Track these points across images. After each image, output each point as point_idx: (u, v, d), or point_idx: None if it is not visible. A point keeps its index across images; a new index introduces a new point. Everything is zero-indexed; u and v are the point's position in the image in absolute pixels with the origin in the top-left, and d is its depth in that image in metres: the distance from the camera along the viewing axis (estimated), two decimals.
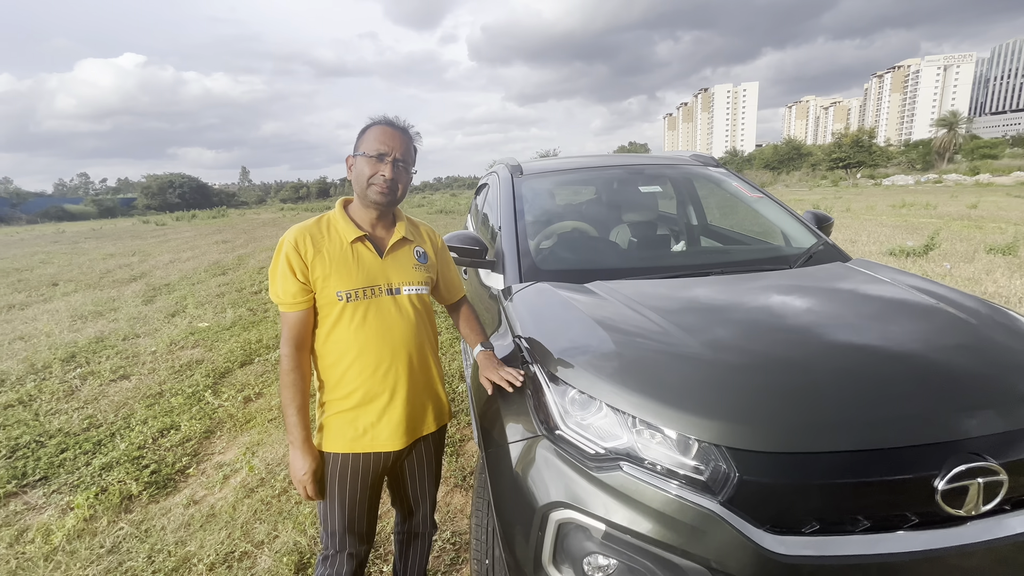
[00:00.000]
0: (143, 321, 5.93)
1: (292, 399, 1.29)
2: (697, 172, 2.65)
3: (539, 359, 1.34)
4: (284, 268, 1.27)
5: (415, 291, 1.41)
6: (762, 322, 1.35)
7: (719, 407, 1.06)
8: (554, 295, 1.60)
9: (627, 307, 1.44)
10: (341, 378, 1.33)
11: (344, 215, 1.37)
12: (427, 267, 1.46)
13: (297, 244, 1.28)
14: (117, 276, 9.39)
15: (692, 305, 1.46)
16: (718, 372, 1.15)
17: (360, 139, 1.34)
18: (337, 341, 1.32)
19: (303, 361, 1.32)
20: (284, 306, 1.30)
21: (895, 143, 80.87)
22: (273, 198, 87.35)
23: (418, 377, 1.41)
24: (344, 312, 1.30)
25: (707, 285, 1.63)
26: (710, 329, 1.32)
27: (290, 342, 1.30)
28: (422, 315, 1.44)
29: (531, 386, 1.32)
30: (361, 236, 1.34)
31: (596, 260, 2.10)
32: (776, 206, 2.36)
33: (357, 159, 1.33)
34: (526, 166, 2.62)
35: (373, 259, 1.35)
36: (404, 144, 1.34)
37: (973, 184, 28.17)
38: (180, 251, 12.99)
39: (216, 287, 7.81)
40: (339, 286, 1.29)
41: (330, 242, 1.32)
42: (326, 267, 1.28)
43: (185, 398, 3.59)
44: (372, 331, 1.32)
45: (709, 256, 2.06)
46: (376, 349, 1.33)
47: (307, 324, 1.32)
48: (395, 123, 1.35)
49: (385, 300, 1.35)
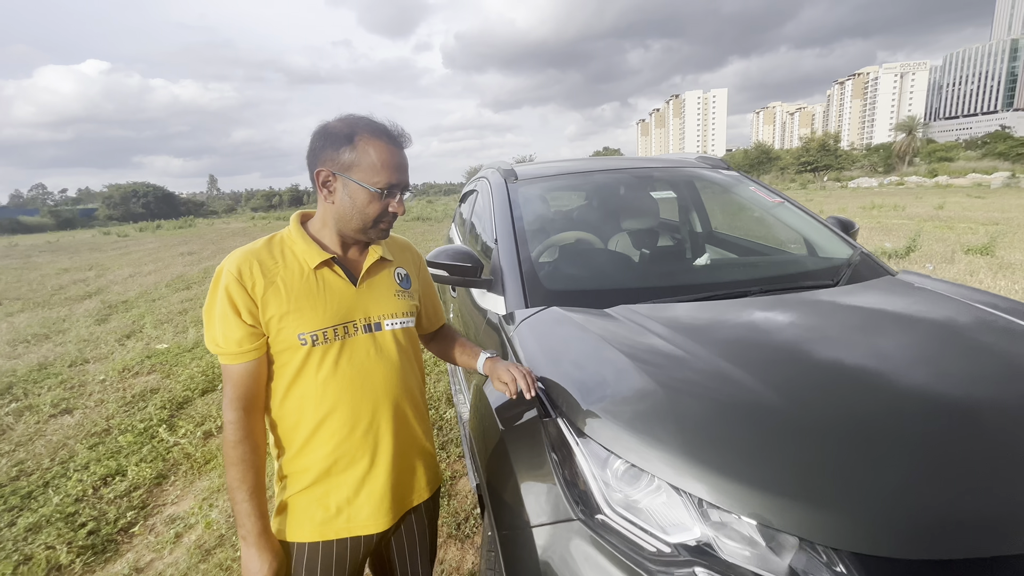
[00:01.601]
0: (94, 344, 5.41)
1: (242, 480, 0.98)
2: (708, 176, 2.42)
3: (563, 410, 1.06)
4: (224, 307, 0.96)
5: (400, 324, 1.12)
6: (843, 365, 1.07)
7: (830, 492, 0.79)
8: (572, 325, 1.31)
9: (668, 342, 1.16)
10: (306, 444, 1.03)
11: (304, 234, 1.06)
12: (411, 293, 1.19)
13: (241, 275, 0.97)
14: (70, 293, 8.72)
15: (746, 338, 1.20)
16: (816, 440, 0.88)
17: (346, 152, 0.99)
18: (301, 397, 1.02)
19: (255, 427, 1.00)
20: (227, 357, 0.98)
21: (858, 147, 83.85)
22: (243, 207, 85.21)
23: (405, 434, 1.12)
24: (309, 359, 1.01)
25: (752, 310, 1.36)
26: (781, 374, 1.05)
27: (236, 404, 0.98)
28: (407, 354, 1.14)
29: (555, 444, 1.03)
30: (328, 260, 1.04)
31: (611, 277, 1.82)
32: (799, 212, 2.14)
33: (350, 186, 1.00)
34: (520, 170, 2.34)
35: (345, 288, 1.06)
36: (407, 164, 1.06)
37: (933, 186, 29.28)
38: (141, 264, 12.27)
39: (178, 303, 7.28)
40: (301, 326, 0.99)
41: (286, 269, 1.01)
42: (282, 302, 0.99)
43: (135, 436, 3.16)
44: (346, 380, 1.03)
45: (738, 271, 1.82)
46: (352, 403, 1.04)
47: (258, 379, 1.00)
48: (397, 136, 1.04)
49: (361, 340, 1.06)
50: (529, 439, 1.09)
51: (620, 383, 1.06)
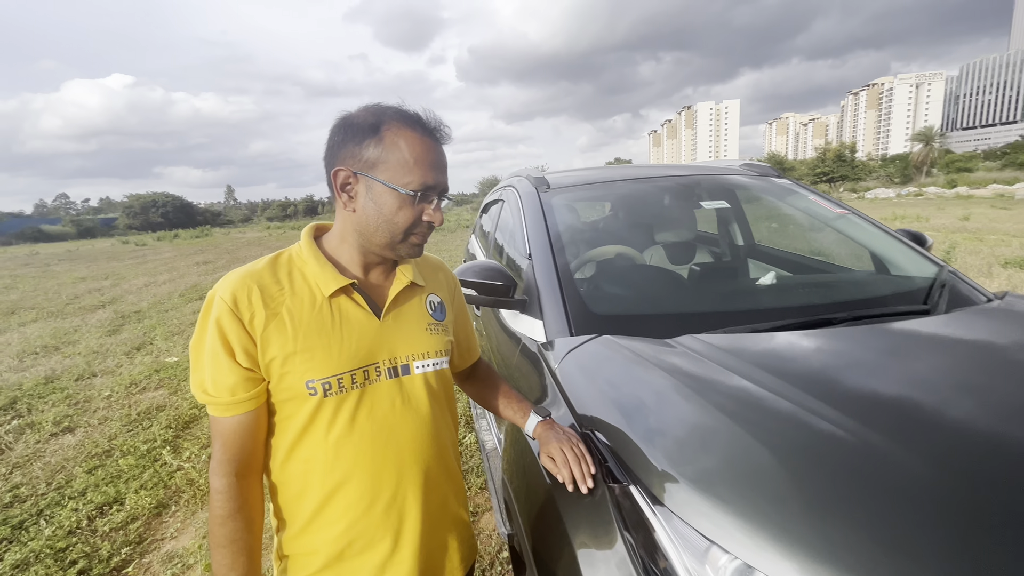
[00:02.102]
0: (103, 356, 5.29)
1: (231, 566, 0.77)
2: (760, 185, 2.20)
3: (637, 475, 0.84)
4: (215, 345, 0.76)
5: (432, 367, 0.91)
6: (983, 424, 0.84)
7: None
8: (633, 361, 1.09)
9: (763, 387, 0.94)
10: (313, 520, 0.83)
11: (318, 253, 0.85)
12: (445, 325, 0.97)
13: (237, 303, 0.77)
14: (84, 302, 8.70)
15: (859, 385, 0.96)
16: (984, 526, 0.66)
17: (371, 146, 0.79)
18: (307, 460, 0.82)
19: (250, 496, 0.80)
20: (216, 407, 0.78)
21: (873, 157, 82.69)
22: (259, 216, 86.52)
23: (436, 505, 0.91)
24: (320, 413, 0.80)
25: (852, 344, 1.13)
26: (916, 433, 0.82)
27: (227, 467, 0.78)
28: (440, 402, 0.93)
29: (628, 520, 0.82)
30: (347, 286, 0.84)
31: (664, 300, 1.60)
32: (868, 224, 1.90)
33: (376, 188, 0.80)
34: (552, 178, 2.14)
35: (366, 322, 0.85)
36: (446, 162, 0.85)
37: (953, 196, 28.65)
38: (157, 273, 12.29)
39: (191, 314, 7.18)
40: (310, 371, 0.78)
41: (294, 297, 0.81)
42: (288, 340, 0.78)
43: (137, 458, 2.99)
44: (365, 441, 0.83)
45: (812, 293, 1.58)
46: (372, 470, 0.83)
47: (255, 434, 0.80)
48: (433, 127, 0.84)
49: (385, 387, 0.85)
50: (592, 507, 0.88)
51: (714, 444, 0.83)
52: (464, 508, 1.01)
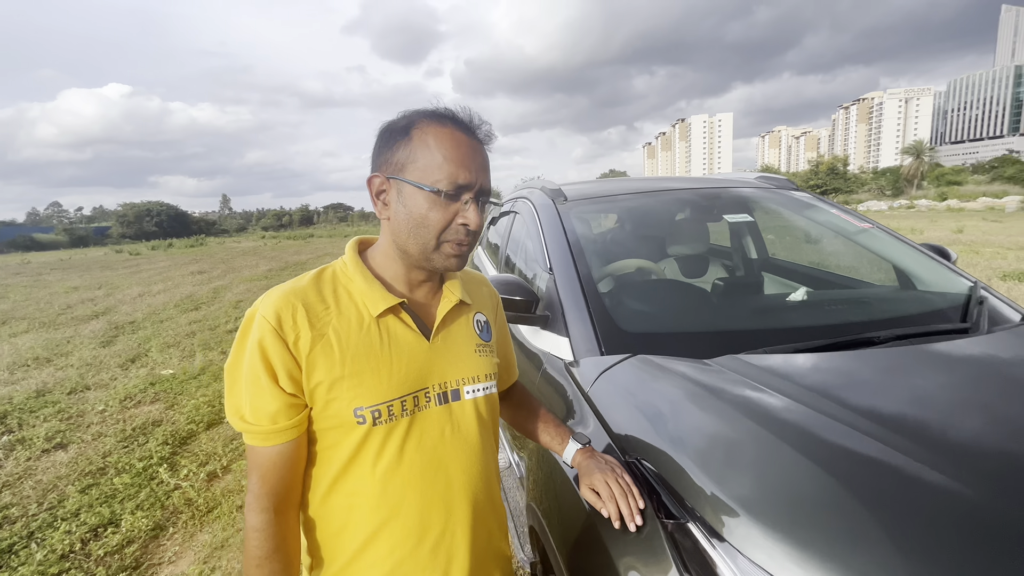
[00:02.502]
0: (97, 368, 5.17)
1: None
2: (777, 198, 2.17)
3: (694, 511, 0.78)
4: (256, 368, 0.70)
5: (482, 391, 0.85)
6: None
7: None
8: (676, 383, 1.04)
9: (823, 413, 0.88)
10: (355, 560, 0.76)
11: (364, 270, 0.79)
12: (491, 346, 0.91)
13: (281, 323, 0.71)
14: (77, 312, 8.55)
15: (911, 407, 0.91)
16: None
17: (402, 148, 0.75)
18: (351, 494, 0.75)
19: (288, 534, 0.74)
20: (255, 436, 0.71)
21: (865, 170, 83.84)
22: (254, 226, 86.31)
23: (483, 542, 0.84)
24: (367, 443, 0.74)
25: (895, 364, 1.08)
26: (986, 465, 0.77)
27: (265, 502, 0.71)
28: (489, 430, 0.87)
29: (688, 559, 0.75)
30: (395, 306, 0.78)
31: (697, 316, 1.55)
32: (894, 239, 1.87)
33: (406, 191, 0.75)
34: (568, 190, 2.10)
35: (415, 343, 0.79)
36: (485, 161, 0.78)
37: (945, 209, 29.02)
38: (151, 283, 12.13)
39: (186, 325, 7.06)
40: (360, 398, 0.72)
41: (340, 317, 0.75)
42: (335, 364, 0.72)
43: (133, 476, 2.88)
44: (415, 473, 0.76)
45: (848, 311, 1.53)
46: (421, 505, 0.77)
47: (295, 465, 0.74)
48: (467, 122, 0.77)
49: (435, 414, 0.79)
50: (642, 541, 0.81)
51: (778, 476, 0.78)
52: (506, 542, 0.94)
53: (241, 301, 8.81)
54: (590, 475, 0.89)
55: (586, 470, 0.91)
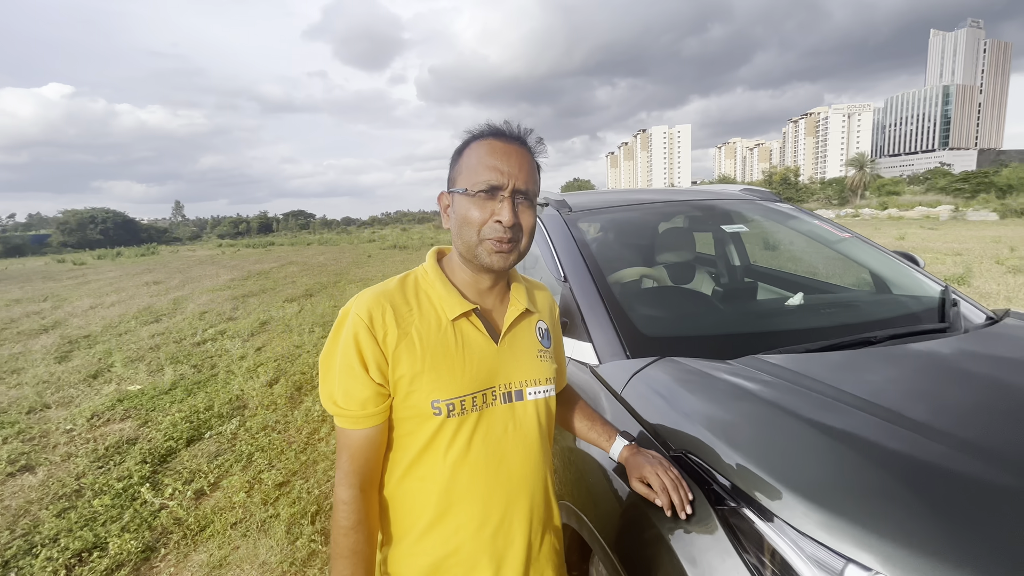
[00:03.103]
0: (56, 386, 4.86)
1: (352, 574, 0.79)
2: (762, 209, 2.32)
3: (747, 493, 0.86)
4: (350, 358, 0.80)
5: (543, 393, 0.93)
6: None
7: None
8: (713, 382, 1.12)
9: (845, 403, 0.99)
10: (423, 538, 0.84)
11: (442, 276, 0.89)
12: (551, 352, 1.00)
13: (372, 321, 0.81)
14: (23, 327, 7.99)
15: (923, 397, 1.03)
16: None
17: (456, 166, 0.88)
18: (424, 478, 0.84)
19: (371, 510, 0.83)
20: (346, 419, 0.81)
21: (814, 180, 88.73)
22: (209, 233, 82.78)
23: (538, 532, 0.91)
24: (440, 433, 0.83)
25: (901, 361, 1.21)
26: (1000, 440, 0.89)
27: (353, 479, 0.81)
28: (547, 430, 0.95)
29: (747, 541, 0.83)
30: (469, 311, 0.87)
31: (707, 321, 1.65)
32: (870, 248, 2.04)
33: (455, 199, 0.86)
34: (572, 200, 2.18)
35: (485, 346, 0.88)
36: (527, 164, 0.86)
37: (886, 217, 31.00)
38: (103, 295, 11.47)
39: (148, 338, 6.73)
40: (436, 392, 0.81)
41: (422, 319, 0.85)
42: (416, 360, 0.81)
43: (113, 497, 2.75)
44: (480, 463, 0.85)
45: (840, 314, 1.68)
46: (485, 493, 0.85)
47: (379, 448, 0.84)
48: (506, 131, 0.87)
49: (500, 412, 0.87)
50: (699, 529, 0.88)
51: (824, 459, 0.87)
52: (558, 537, 1.00)
53: (206, 312, 8.47)
54: (640, 469, 0.96)
55: (635, 464, 0.98)
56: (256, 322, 7.31)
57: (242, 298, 9.70)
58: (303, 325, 6.99)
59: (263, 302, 9.19)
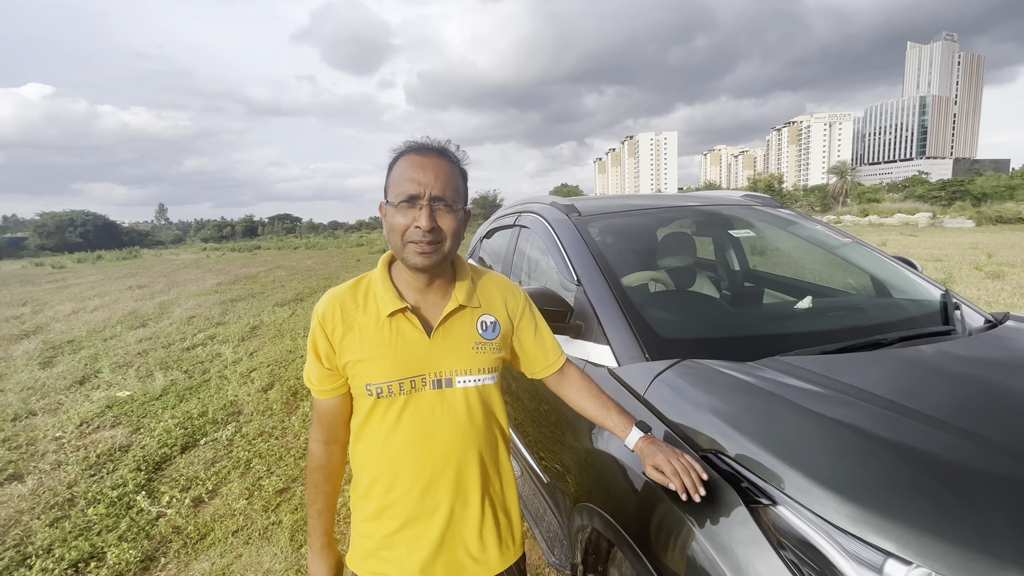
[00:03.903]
0: (41, 392, 4.74)
1: (313, 500, 1.10)
2: (763, 214, 2.37)
3: (783, 491, 0.87)
4: (311, 348, 1.04)
5: (474, 382, 1.05)
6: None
7: None
8: (738, 383, 1.14)
9: (870, 403, 1.02)
10: (368, 490, 1.06)
11: (386, 278, 1.04)
12: (496, 344, 1.08)
13: (324, 319, 1.01)
14: (2, 332, 7.78)
15: (944, 396, 1.07)
16: None
17: (387, 180, 1.00)
18: (368, 443, 1.05)
19: (332, 458, 1.09)
20: (314, 392, 1.07)
21: (798, 187, 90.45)
22: (193, 237, 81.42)
23: (462, 498, 1.05)
24: (375, 410, 1.02)
25: (906, 362, 1.25)
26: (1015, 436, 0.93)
27: (317, 435, 1.09)
28: (482, 414, 1.06)
29: (784, 539, 0.84)
30: (402, 308, 1.01)
31: (722, 323, 1.67)
32: (871, 253, 2.09)
33: (386, 209, 0.99)
34: (581, 205, 2.20)
35: (418, 339, 1.01)
36: (444, 174, 0.96)
37: (868, 224, 31.68)
38: (85, 299, 11.21)
39: (135, 343, 6.60)
40: (370, 376, 0.99)
41: (365, 315, 1.02)
42: (356, 350, 1.00)
43: (107, 506, 2.68)
44: (407, 439, 1.01)
45: (848, 317, 1.71)
46: (412, 464, 1.02)
47: (339, 415, 1.07)
48: (426, 146, 0.99)
49: (427, 396, 1.02)
50: (734, 527, 0.90)
51: (858, 457, 0.89)
52: (504, 513, 1.11)
53: (194, 316, 8.33)
54: (653, 456, 1.00)
55: (648, 452, 1.02)
56: (246, 327, 7.21)
57: (230, 302, 9.55)
58: (295, 329, 6.91)
59: (252, 306, 9.06)
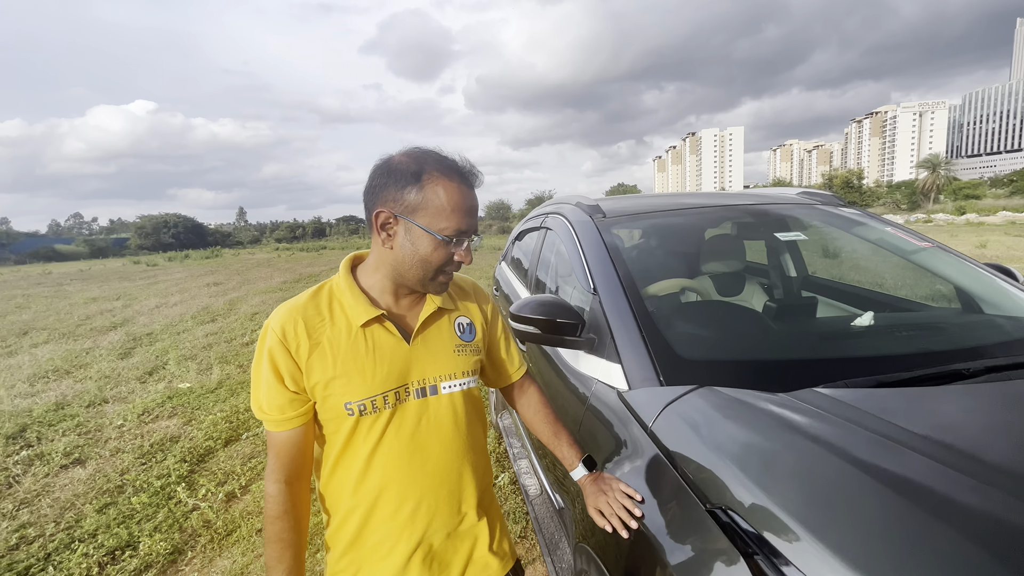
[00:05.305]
0: (115, 381, 5.16)
1: (279, 559, 0.88)
2: (822, 214, 2.07)
3: (794, 562, 0.68)
4: (268, 370, 0.88)
5: (459, 386, 0.99)
6: None
7: None
8: (763, 422, 0.93)
9: (931, 458, 0.78)
10: (344, 522, 0.94)
11: (352, 285, 0.94)
12: (474, 346, 1.04)
13: (285, 335, 0.87)
14: (96, 323, 8.62)
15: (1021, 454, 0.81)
16: None
17: (413, 192, 0.86)
18: (348, 471, 0.93)
19: (297, 501, 0.91)
20: (269, 423, 0.90)
21: (880, 184, 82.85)
22: (268, 238, 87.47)
23: (462, 514, 0.99)
24: (357, 430, 0.91)
25: (990, 402, 0.97)
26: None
27: (278, 475, 0.90)
28: (468, 420, 1.00)
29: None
30: (378, 316, 0.92)
31: (758, 343, 1.43)
32: (956, 259, 1.76)
33: (413, 231, 0.87)
34: (606, 205, 2.02)
35: (397, 347, 0.93)
36: (477, 206, 0.93)
37: (964, 223, 28.48)
38: (168, 294, 12.25)
39: (203, 337, 7.07)
40: (348, 394, 0.89)
41: (333, 328, 0.90)
42: (328, 367, 0.88)
43: (150, 496, 2.82)
44: (393, 455, 0.92)
45: (919, 338, 1.39)
46: (401, 482, 0.93)
47: (302, 447, 0.92)
48: (468, 175, 0.91)
49: (413, 407, 0.94)
50: None
51: (902, 532, 0.68)
52: (488, 522, 1.03)
53: (257, 313, 8.84)
54: (596, 498, 1.01)
55: (591, 493, 1.03)
56: None
57: None
58: None
59: None
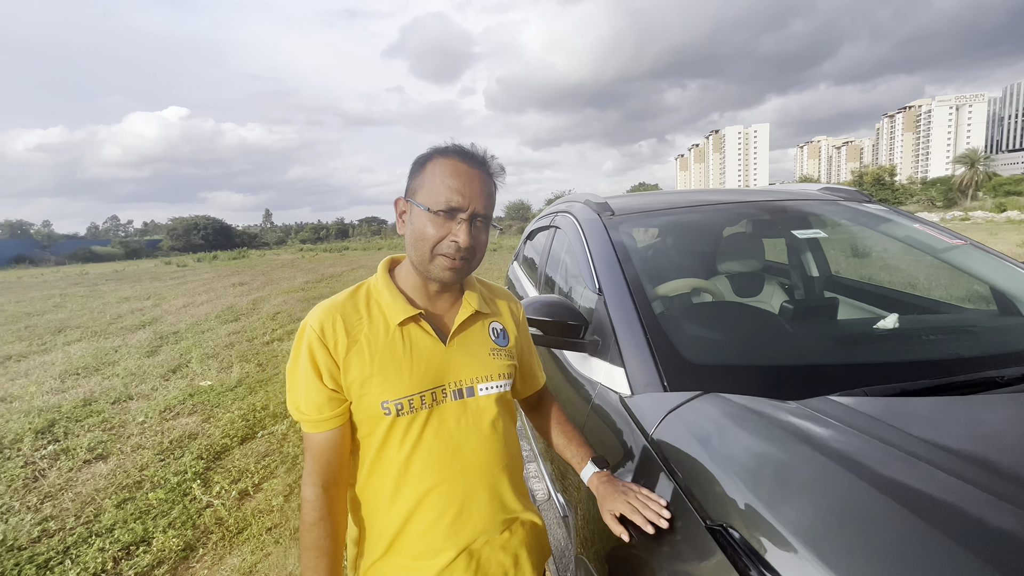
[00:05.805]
0: (140, 378, 5.30)
1: (315, 569, 0.85)
2: (846, 211, 1.96)
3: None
4: (307, 368, 0.87)
5: (495, 389, 0.97)
6: None
7: None
8: (771, 433, 0.86)
9: (952, 475, 0.71)
10: (385, 528, 0.91)
11: (390, 284, 0.94)
12: (508, 351, 1.03)
13: (323, 332, 0.87)
14: (126, 322, 8.91)
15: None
16: None
17: (417, 177, 0.90)
18: (383, 475, 0.90)
19: (335, 507, 0.88)
20: (308, 424, 0.88)
21: (913, 180, 79.73)
22: (293, 239, 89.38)
23: (501, 520, 0.96)
24: (393, 431, 0.89)
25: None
26: None
27: (315, 479, 0.87)
28: (504, 422, 0.98)
29: None
30: (415, 315, 0.91)
31: (771, 347, 1.35)
32: (992, 258, 1.64)
33: (414, 210, 0.89)
34: (615, 203, 1.96)
35: (434, 347, 0.92)
36: (487, 187, 0.90)
37: (1005, 221, 27.17)
38: (195, 294, 12.59)
39: (226, 336, 7.23)
40: (385, 393, 0.87)
41: (371, 326, 0.90)
42: (366, 365, 0.87)
43: (167, 492, 2.87)
44: (433, 457, 0.90)
45: (949, 342, 1.30)
46: (440, 483, 0.90)
47: (340, 450, 0.89)
48: (471, 155, 0.90)
49: (451, 407, 0.92)
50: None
51: (909, 550, 0.61)
52: (535, 513, 1.04)
53: (279, 313, 8.99)
54: (611, 501, 0.93)
55: (604, 494, 0.95)
56: None
57: (313, 300, 10.21)
58: None
59: None
